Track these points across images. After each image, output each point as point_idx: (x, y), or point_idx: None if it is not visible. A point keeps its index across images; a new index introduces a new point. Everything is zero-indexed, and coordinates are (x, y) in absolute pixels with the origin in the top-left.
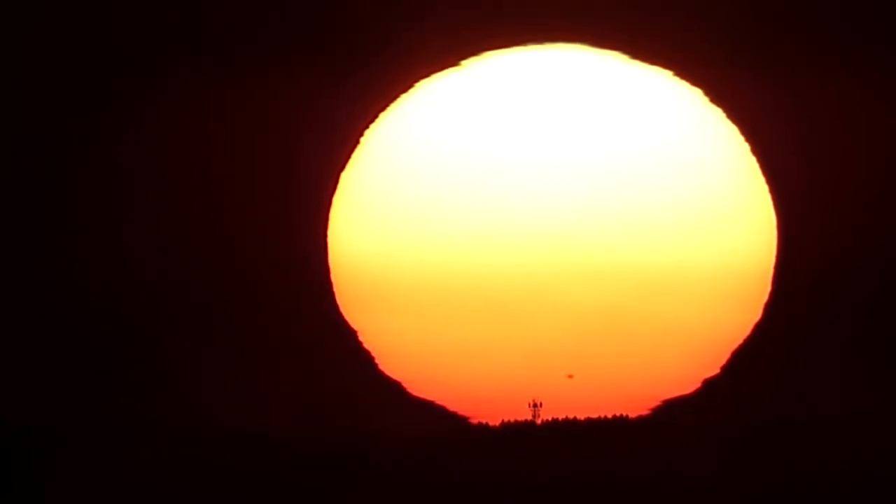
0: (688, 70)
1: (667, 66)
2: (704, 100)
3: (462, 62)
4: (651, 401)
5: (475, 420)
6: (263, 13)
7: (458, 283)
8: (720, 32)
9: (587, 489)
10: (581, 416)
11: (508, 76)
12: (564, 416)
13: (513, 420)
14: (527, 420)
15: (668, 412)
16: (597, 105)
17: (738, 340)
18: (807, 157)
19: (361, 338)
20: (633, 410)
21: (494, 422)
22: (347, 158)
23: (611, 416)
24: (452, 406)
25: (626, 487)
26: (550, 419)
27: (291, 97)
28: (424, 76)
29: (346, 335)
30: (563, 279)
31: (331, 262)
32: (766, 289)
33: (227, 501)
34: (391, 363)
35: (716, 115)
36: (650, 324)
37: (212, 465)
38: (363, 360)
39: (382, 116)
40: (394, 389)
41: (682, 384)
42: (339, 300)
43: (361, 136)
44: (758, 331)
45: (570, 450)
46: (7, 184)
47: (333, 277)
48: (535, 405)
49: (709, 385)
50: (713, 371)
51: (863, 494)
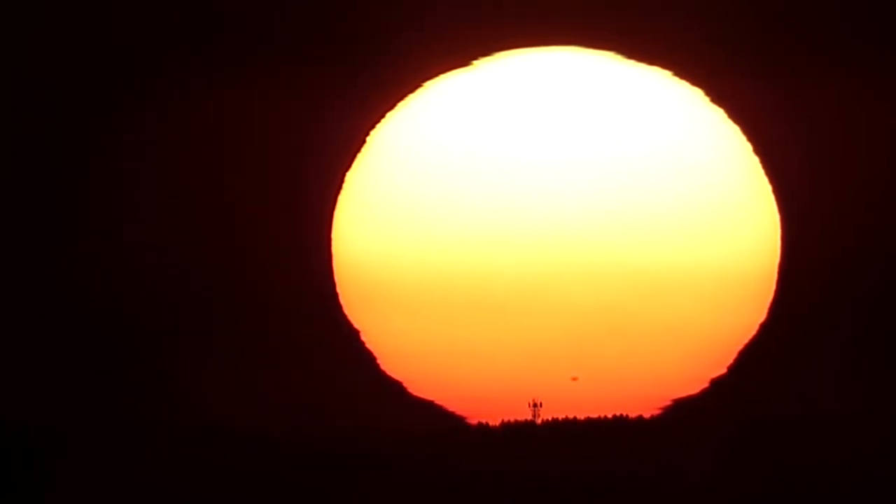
0: (688, 70)
1: (667, 67)
2: (705, 100)
3: (471, 62)
4: (658, 400)
5: (475, 420)
6: (271, 11)
7: (460, 283)
8: (720, 32)
9: (587, 489)
10: (582, 417)
11: (514, 77)
12: (564, 417)
13: (513, 420)
14: (527, 420)
15: (677, 412)
16: (598, 105)
17: (744, 340)
18: (809, 157)
19: (363, 338)
20: (637, 410)
21: (494, 422)
22: (353, 158)
23: (611, 416)
24: (453, 406)
25: (628, 487)
26: (550, 419)
27: (298, 96)
28: (432, 76)
29: (348, 335)
30: (566, 279)
31: (334, 263)
32: (771, 289)
33: (228, 501)
34: (392, 363)
35: (717, 116)
36: (653, 324)
37: (212, 465)
38: (365, 360)
39: (389, 116)
40: (394, 389)
41: (689, 384)
42: (342, 300)
43: (367, 136)
44: (763, 331)
45: (571, 450)
46: (10, 183)
47: (337, 277)
48: (535, 405)
49: (716, 385)
50: (720, 371)
51: (869, 494)
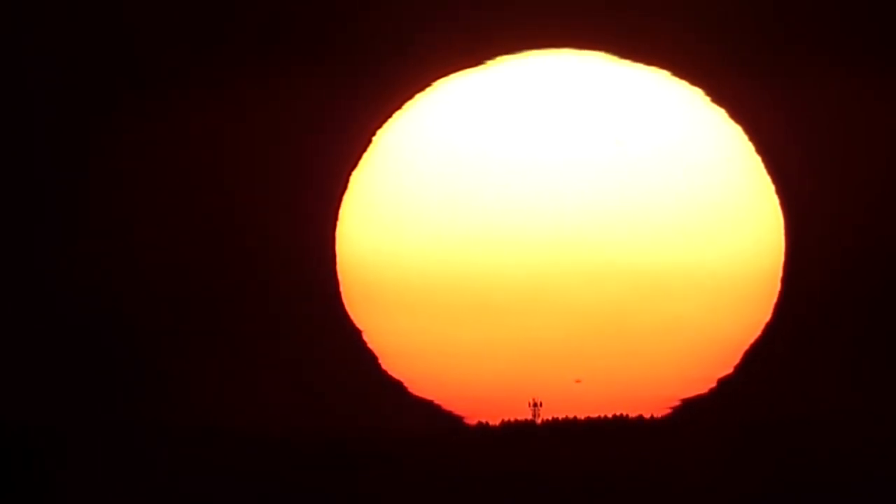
0: (687, 70)
1: (666, 67)
2: (706, 100)
3: (480, 63)
4: (665, 400)
5: (475, 420)
6: (279, 8)
7: (461, 283)
8: (720, 32)
9: (588, 489)
10: (583, 417)
11: (519, 78)
12: (565, 417)
13: (513, 420)
14: (527, 420)
15: (686, 412)
16: (599, 106)
17: (750, 341)
18: (811, 156)
19: (365, 337)
20: (642, 410)
21: (494, 421)
22: (359, 158)
23: (612, 416)
24: (453, 405)
25: (630, 487)
26: (551, 419)
27: (304, 96)
28: (440, 76)
29: (351, 335)
30: (568, 279)
31: (338, 262)
32: (776, 289)
33: (229, 501)
34: (394, 363)
35: (718, 116)
36: (656, 324)
37: (212, 465)
38: (366, 360)
39: (396, 116)
40: (395, 389)
41: (697, 384)
42: (345, 300)
43: (373, 136)
44: (769, 331)
45: (571, 450)
46: (10, 183)
47: (340, 277)
48: (536, 405)
49: (724, 384)
50: (726, 371)
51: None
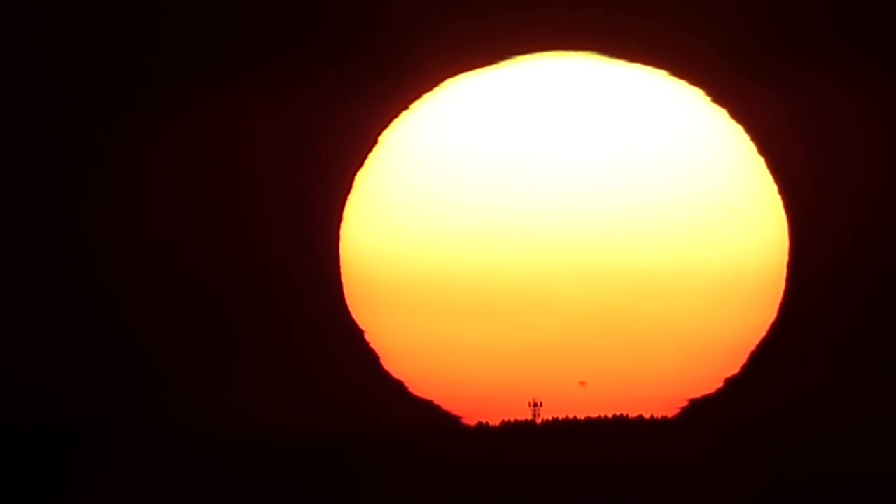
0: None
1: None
2: (706, 100)
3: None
4: (672, 401)
5: (475, 420)
6: (289, 9)
7: (464, 283)
8: (719, 33)
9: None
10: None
11: (525, 80)
12: (565, 417)
13: (513, 419)
14: (527, 420)
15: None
16: (603, 107)
17: (756, 340)
18: (814, 155)
19: (368, 337)
20: (646, 411)
21: (494, 421)
22: (365, 158)
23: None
24: (453, 405)
25: (633, 487)
26: (551, 419)
27: (312, 96)
28: (445, 78)
29: (353, 334)
30: (570, 280)
31: (342, 262)
32: (781, 288)
33: (231, 498)
34: (395, 363)
35: (720, 116)
36: (661, 325)
37: (214, 463)
38: (368, 360)
39: (402, 116)
40: (396, 389)
41: (703, 384)
42: (349, 300)
43: (379, 137)
44: (774, 330)
45: (572, 450)
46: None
47: (344, 277)
48: (535, 405)
49: (731, 384)
50: (733, 370)
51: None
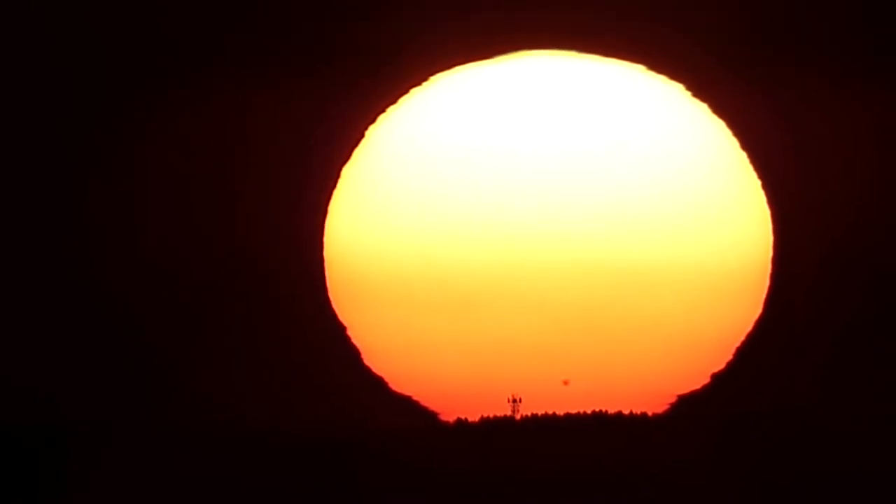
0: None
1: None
2: (686, 95)
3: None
4: (658, 397)
5: (454, 416)
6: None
7: (444, 279)
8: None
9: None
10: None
11: (516, 76)
12: (544, 413)
13: (492, 415)
14: (506, 415)
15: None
16: (585, 104)
17: (741, 335)
18: (797, 150)
19: (350, 333)
20: (631, 407)
21: (473, 417)
22: (351, 152)
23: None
24: (432, 402)
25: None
26: (530, 415)
27: (299, 90)
28: (437, 71)
29: (335, 329)
30: (552, 276)
31: (326, 256)
32: (766, 283)
33: (208, 494)
34: (376, 358)
35: (701, 111)
36: (645, 321)
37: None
38: (350, 355)
39: (389, 111)
40: (377, 385)
41: (689, 380)
42: (332, 295)
43: (366, 131)
44: (760, 325)
45: (552, 445)
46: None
47: (327, 271)
48: (515, 401)
49: (718, 380)
50: (719, 366)
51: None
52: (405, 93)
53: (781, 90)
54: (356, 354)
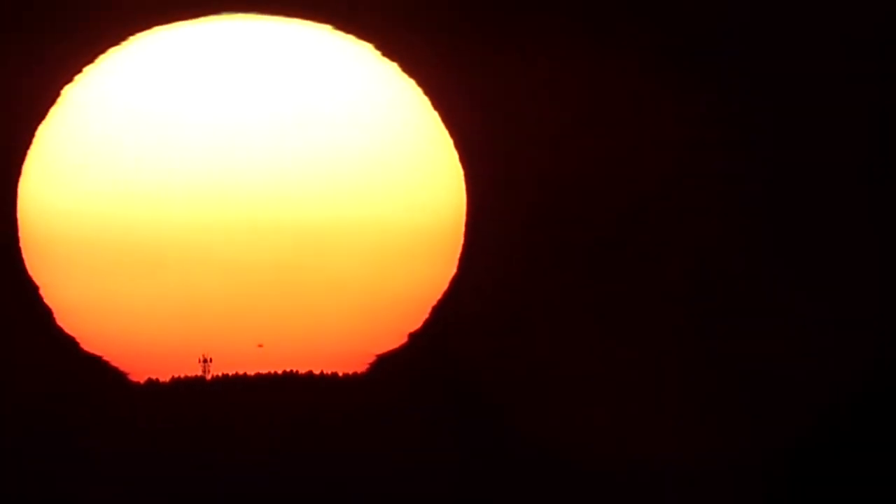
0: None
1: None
2: (376, 54)
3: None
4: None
5: (144, 376)
6: None
7: (134, 239)
8: None
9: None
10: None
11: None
12: (235, 373)
13: (182, 376)
14: (197, 376)
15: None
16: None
17: (438, 295)
18: (488, 108)
19: (42, 293)
20: (329, 367)
21: (164, 377)
22: (47, 111)
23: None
24: (122, 362)
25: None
26: (221, 375)
27: None
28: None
29: (28, 290)
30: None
31: (19, 217)
32: (459, 242)
33: None
34: (67, 319)
35: (391, 70)
36: (338, 281)
37: None
38: (41, 316)
39: (86, 70)
40: (68, 345)
41: (387, 340)
42: (25, 255)
43: (62, 90)
44: (455, 284)
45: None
46: None
47: (21, 232)
48: (205, 360)
49: (415, 338)
50: (416, 325)
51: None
52: (103, 52)
53: (473, 48)
54: (49, 314)
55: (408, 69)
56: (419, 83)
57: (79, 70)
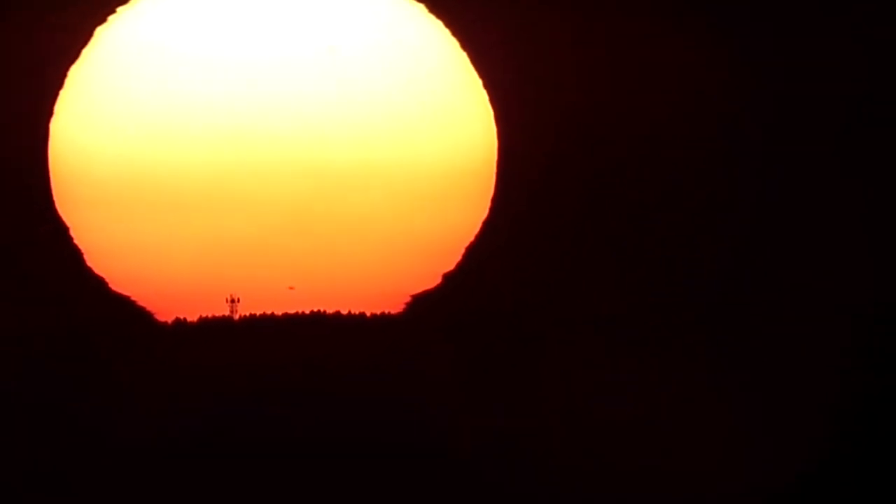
0: None
1: None
2: None
3: None
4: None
5: (172, 316)
6: None
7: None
8: None
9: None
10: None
11: None
12: (262, 313)
13: (210, 315)
14: (224, 316)
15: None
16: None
17: (470, 237)
18: (517, 48)
19: (72, 234)
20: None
21: (192, 317)
22: (79, 52)
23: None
24: (151, 302)
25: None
26: (248, 314)
27: None
28: None
29: (60, 232)
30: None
31: (51, 158)
32: (491, 185)
33: None
34: (97, 260)
35: (418, 10)
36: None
37: None
38: (72, 256)
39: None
40: (98, 285)
41: (422, 281)
42: (56, 196)
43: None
44: (487, 227)
45: (271, 344)
46: None
47: (52, 173)
48: (233, 300)
49: (449, 280)
50: (449, 266)
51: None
52: None
53: None
54: (79, 255)
55: (435, 9)
56: (447, 24)
57: (112, 11)
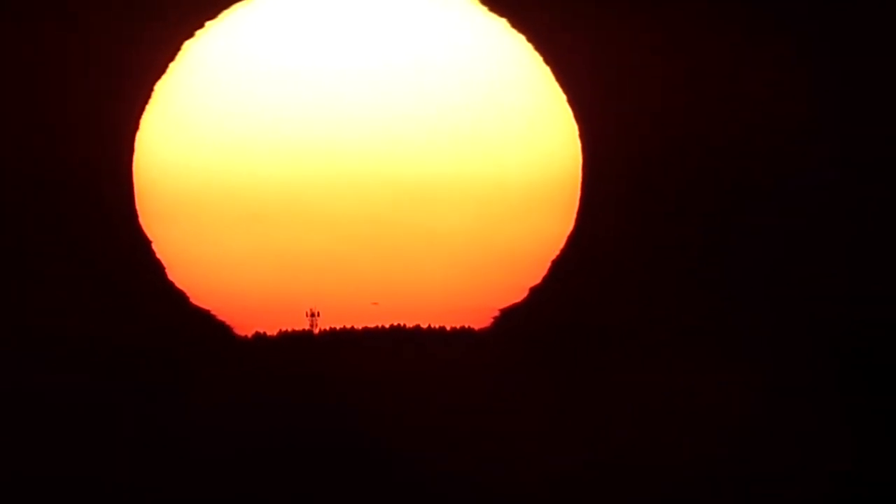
0: None
1: None
2: (483, 9)
3: None
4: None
5: (252, 330)
6: None
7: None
8: None
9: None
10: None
11: None
12: (342, 326)
13: (290, 329)
14: (304, 329)
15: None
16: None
17: (556, 250)
18: (600, 64)
19: (154, 248)
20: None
21: (272, 331)
22: (166, 66)
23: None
24: (230, 316)
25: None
26: (328, 328)
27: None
28: None
29: (141, 245)
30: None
31: (135, 172)
32: (576, 199)
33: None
34: (178, 273)
35: (500, 26)
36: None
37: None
38: (154, 270)
39: (208, 26)
40: (179, 299)
41: (508, 294)
42: (139, 209)
43: (182, 45)
44: (573, 240)
45: (350, 357)
46: None
47: (136, 187)
48: (313, 314)
49: (535, 293)
50: (535, 281)
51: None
52: (226, 7)
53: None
54: (161, 269)
55: (517, 24)
56: (529, 39)
57: (200, 25)
